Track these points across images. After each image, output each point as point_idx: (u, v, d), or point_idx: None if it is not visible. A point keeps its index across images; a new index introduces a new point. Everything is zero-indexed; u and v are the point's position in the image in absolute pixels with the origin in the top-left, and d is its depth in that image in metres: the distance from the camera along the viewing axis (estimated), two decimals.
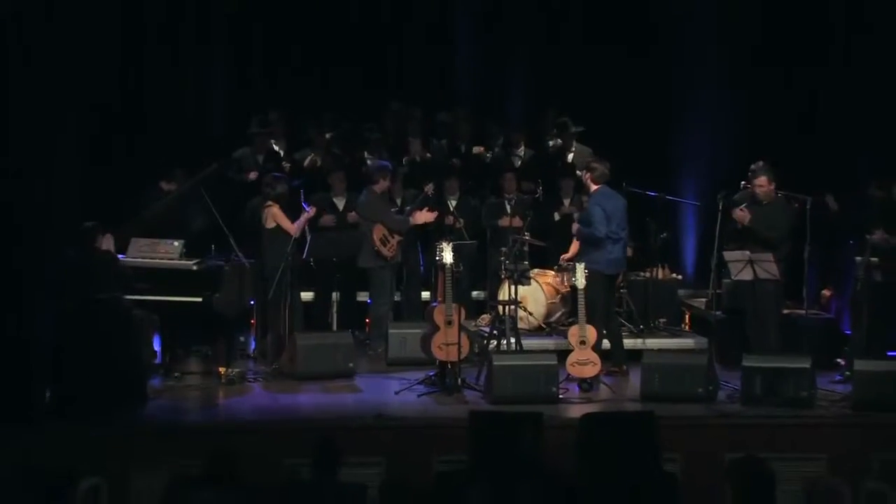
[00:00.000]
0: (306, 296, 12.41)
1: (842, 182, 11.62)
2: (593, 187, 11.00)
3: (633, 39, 14.38)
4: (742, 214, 10.75)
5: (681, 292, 13.04)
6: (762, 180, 10.79)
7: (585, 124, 13.73)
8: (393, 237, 11.84)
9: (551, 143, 14.06)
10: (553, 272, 12.48)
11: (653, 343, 11.69)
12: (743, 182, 11.03)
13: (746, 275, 10.73)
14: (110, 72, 13.08)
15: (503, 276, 11.55)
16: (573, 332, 10.57)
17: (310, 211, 11.43)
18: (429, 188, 12.52)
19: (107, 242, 10.33)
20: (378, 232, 11.78)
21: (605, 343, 10.98)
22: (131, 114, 13.60)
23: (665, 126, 14.14)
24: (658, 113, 14.02)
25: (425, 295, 12.83)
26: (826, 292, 11.94)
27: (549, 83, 14.56)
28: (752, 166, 10.83)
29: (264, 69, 14.68)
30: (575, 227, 11.30)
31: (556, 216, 13.01)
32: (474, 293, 13.06)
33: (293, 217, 11.36)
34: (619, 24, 14.47)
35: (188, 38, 14.26)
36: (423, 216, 12.09)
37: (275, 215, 11.33)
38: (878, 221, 10.95)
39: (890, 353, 10.66)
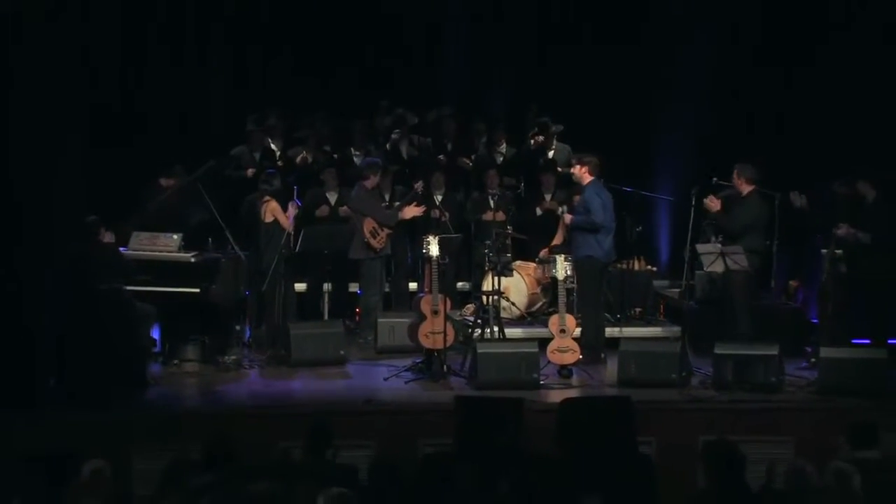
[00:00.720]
0: (299, 286, 12.42)
1: (811, 180, 11.65)
2: (588, 178, 10.99)
3: (610, 40, 14.36)
4: (711, 203, 10.82)
5: (656, 283, 13.06)
6: (734, 175, 10.89)
7: (565, 123, 13.78)
8: (382, 230, 11.86)
9: (532, 140, 14.11)
10: (535, 264, 12.52)
11: (629, 331, 11.68)
12: (714, 178, 11.08)
13: (718, 266, 10.79)
14: (111, 72, 13.03)
15: (487, 268, 11.60)
16: (553, 321, 10.60)
17: (298, 204, 11.48)
18: (418, 185, 12.55)
19: (108, 236, 10.35)
20: (368, 225, 11.80)
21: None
22: (131, 113, 13.52)
23: (641, 125, 14.13)
24: (635, 113, 14.01)
25: (413, 286, 12.86)
26: (793, 283, 11.99)
27: (530, 83, 14.57)
28: None
29: (261, 69, 14.60)
30: (568, 217, 11.24)
31: (538, 211, 13.04)
32: (459, 284, 13.09)
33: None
34: (598, 25, 14.46)
35: (187, 40, 14.18)
36: (412, 211, 12.13)
37: (273, 210, 11.38)
38: (843, 217, 11.01)
39: (854, 341, 10.70)
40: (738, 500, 6.46)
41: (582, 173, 11.04)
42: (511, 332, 11.43)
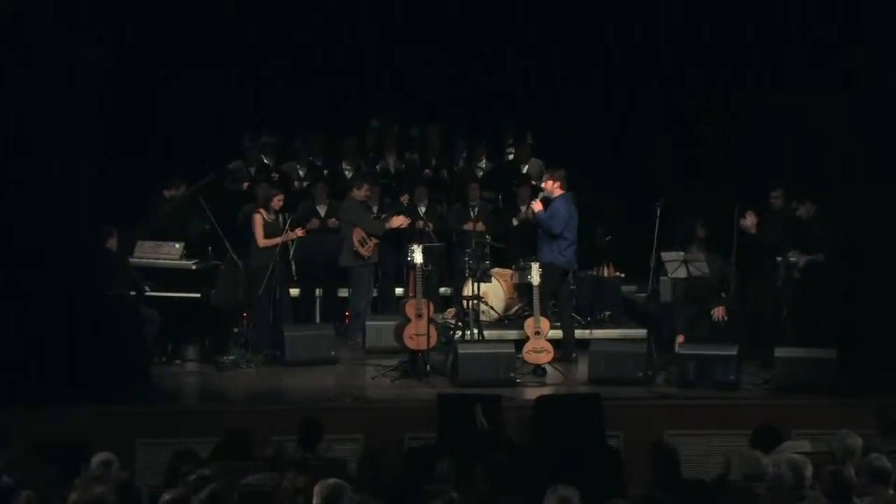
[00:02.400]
0: (293, 292, 12.44)
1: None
2: (559, 192, 10.99)
3: (583, 62, 14.41)
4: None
5: (624, 288, 13.10)
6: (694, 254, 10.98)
7: (542, 139, 13.83)
8: (371, 239, 11.90)
9: (510, 155, 14.17)
10: (511, 270, 12.55)
11: (599, 333, 11.69)
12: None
13: (681, 273, 10.87)
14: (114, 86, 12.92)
15: (467, 275, 11.62)
16: (529, 323, 10.63)
17: (296, 232, 11.48)
18: (405, 198, 12.58)
19: (113, 243, 10.36)
20: (357, 235, 11.84)
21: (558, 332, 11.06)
22: (133, 127, 13.40)
23: (609, 140, 14.16)
24: (603, 132, 14.07)
25: (399, 291, 12.88)
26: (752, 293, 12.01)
27: (508, 103, 14.60)
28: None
29: (256, 85, 14.48)
30: (537, 206, 11.02)
31: (515, 221, 13.05)
32: (442, 289, 13.08)
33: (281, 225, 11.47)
34: (571, 48, 14.48)
35: (187, 55, 14.04)
36: (398, 221, 12.15)
37: (255, 222, 11.38)
38: (787, 232, 11.06)
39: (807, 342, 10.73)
40: (676, 490, 6.54)
41: (553, 188, 11.04)
42: (489, 333, 11.46)
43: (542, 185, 11.35)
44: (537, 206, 11.10)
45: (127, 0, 11.63)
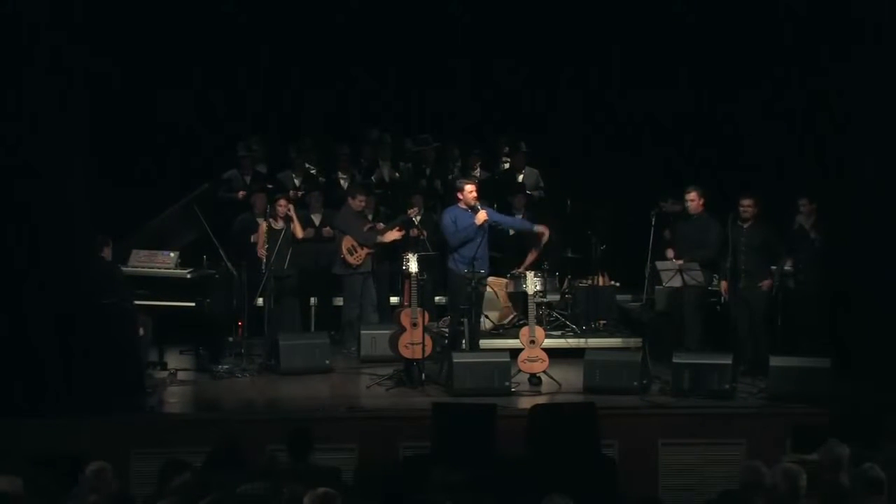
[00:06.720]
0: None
1: None
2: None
3: (574, 67, 14.43)
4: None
5: (618, 297, 13.10)
6: (692, 195, 10.97)
7: (536, 149, 13.87)
8: (361, 249, 11.92)
9: (505, 164, 14.19)
10: (506, 279, 12.55)
11: (594, 342, 11.64)
12: (670, 200, 11.16)
13: (676, 282, 10.88)
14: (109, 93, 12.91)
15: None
16: (524, 332, 10.62)
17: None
18: (412, 212, 12.53)
19: (107, 252, 10.37)
20: (347, 243, 11.86)
21: None
22: (125, 134, 13.36)
23: (603, 148, 14.19)
24: (598, 139, 14.11)
25: (394, 300, 12.87)
26: None
27: (503, 111, 14.62)
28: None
29: (251, 93, 14.47)
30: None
31: (510, 231, 13.04)
32: (437, 298, 13.10)
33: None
34: (563, 54, 14.50)
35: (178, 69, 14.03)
36: (392, 235, 12.14)
37: (259, 231, 11.47)
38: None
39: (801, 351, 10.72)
40: None
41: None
42: (484, 343, 11.45)
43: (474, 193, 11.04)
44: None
45: (123, 12, 11.66)
